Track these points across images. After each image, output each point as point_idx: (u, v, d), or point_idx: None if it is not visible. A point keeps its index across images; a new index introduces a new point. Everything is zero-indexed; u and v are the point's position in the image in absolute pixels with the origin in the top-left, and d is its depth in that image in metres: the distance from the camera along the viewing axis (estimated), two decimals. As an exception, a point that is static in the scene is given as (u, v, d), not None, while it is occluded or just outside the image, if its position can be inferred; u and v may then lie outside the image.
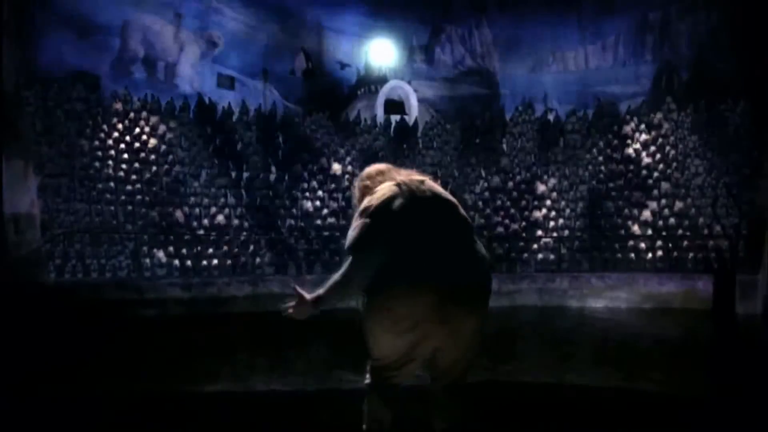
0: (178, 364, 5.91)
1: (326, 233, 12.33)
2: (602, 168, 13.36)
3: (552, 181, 13.36)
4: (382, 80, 19.72)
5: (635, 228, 12.50)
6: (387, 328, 2.45)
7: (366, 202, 2.57)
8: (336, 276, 2.45)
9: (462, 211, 2.62)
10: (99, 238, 11.09)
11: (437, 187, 2.65)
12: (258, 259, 11.88)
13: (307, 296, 2.46)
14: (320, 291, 2.46)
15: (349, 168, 13.48)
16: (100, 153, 11.94)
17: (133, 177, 12.09)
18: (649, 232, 12.37)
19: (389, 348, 2.51)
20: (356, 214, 2.58)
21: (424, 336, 2.47)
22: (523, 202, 13.19)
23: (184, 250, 11.59)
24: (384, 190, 2.56)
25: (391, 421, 2.62)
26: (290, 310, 2.49)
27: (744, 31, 15.19)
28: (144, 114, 12.72)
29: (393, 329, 2.44)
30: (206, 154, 13.08)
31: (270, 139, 13.79)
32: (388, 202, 2.50)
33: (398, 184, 2.56)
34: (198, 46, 18.52)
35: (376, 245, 2.42)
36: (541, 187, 13.29)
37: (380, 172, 2.75)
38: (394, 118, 15.50)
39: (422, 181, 2.62)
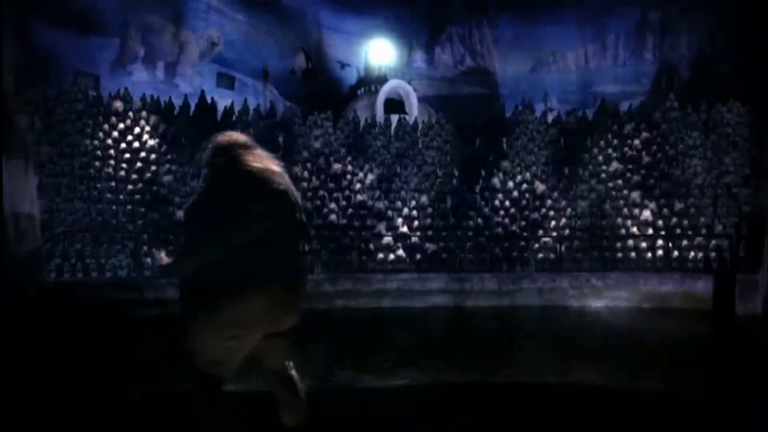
0: (178, 364, 5.90)
1: (326, 233, 12.32)
2: (602, 167, 13.36)
3: (552, 181, 13.36)
4: (382, 80, 19.73)
5: (635, 228, 12.50)
6: (219, 331, 2.42)
7: (223, 179, 2.49)
8: (180, 255, 2.51)
9: (300, 210, 2.63)
10: (99, 238, 11.09)
11: (290, 183, 2.63)
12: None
13: (163, 262, 2.59)
14: (168, 262, 2.57)
15: (349, 168, 13.47)
16: (100, 153, 11.94)
17: (133, 177, 12.08)
18: (649, 231, 12.37)
19: (221, 350, 2.48)
20: (207, 188, 2.52)
21: (253, 335, 2.49)
22: (523, 202, 13.19)
23: (184, 250, 11.57)
24: (245, 175, 2.48)
25: (223, 419, 2.63)
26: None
27: (744, 31, 15.18)
28: (144, 114, 12.72)
29: (225, 331, 2.42)
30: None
31: (270, 139, 13.77)
32: (245, 188, 2.45)
33: (260, 172, 2.50)
34: (198, 46, 18.51)
35: (221, 229, 2.38)
36: (541, 187, 13.29)
37: (239, 146, 2.59)
38: (394, 117, 15.51)
39: (279, 174, 2.59)
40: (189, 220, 2.51)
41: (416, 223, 12.79)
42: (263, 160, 2.58)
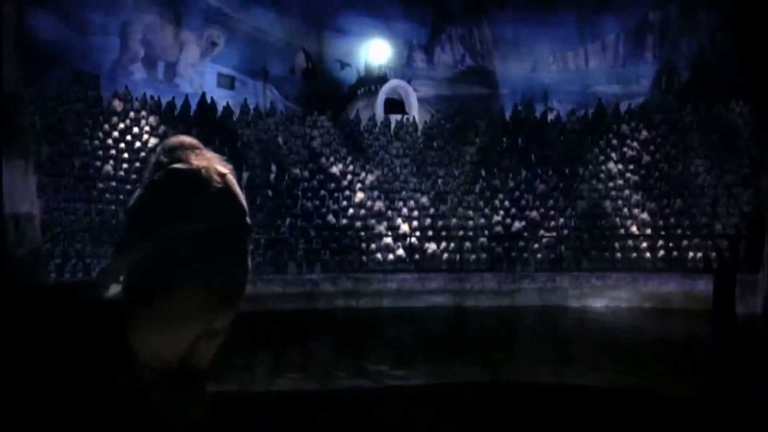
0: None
1: (326, 233, 12.33)
2: (602, 167, 13.36)
3: (552, 181, 13.36)
4: (382, 80, 19.72)
5: (635, 228, 12.50)
6: (168, 328, 2.45)
7: (159, 176, 2.49)
8: (114, 253, 2.47)
9: (247, 217, 2.66)
10: (99, 238, 11.09)
11: (234, 184, 2.62)
12: (258, 259, 11.86)
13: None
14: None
15: (350, 168, 13.47)
16: (100, 152, 11.94)
17: (133, 176, 12.08)
18: (649, 231, 12.37)
19: (169, 348, 2.51)
20: (146, 185, 2.51)
21: (193, 332, 2.51)
22: (523, 202, 13.19)
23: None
24: (182, 171, 2.47)
25: (198, 408, 2.67)
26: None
27: (744, 32, 15.19)
28: (144, 114, 12.72)
29: (173, 329, 2.45)
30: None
31: (270, 138, 13.79)
32: (181, 184, 2.46)
33: (198, 170, 2.49)
34: (198, 46, 18.52)
35: (156, 225, 2.39)
36: (540, 186, 13.30)
37: (185, 147, 2.60)
38: (394, 117, 15.51)
39: (223, 174, 2.56)
40: (130, 218, 2.50)
41: (416, 223, 12.79)
42: (208, 161, 2.58)
